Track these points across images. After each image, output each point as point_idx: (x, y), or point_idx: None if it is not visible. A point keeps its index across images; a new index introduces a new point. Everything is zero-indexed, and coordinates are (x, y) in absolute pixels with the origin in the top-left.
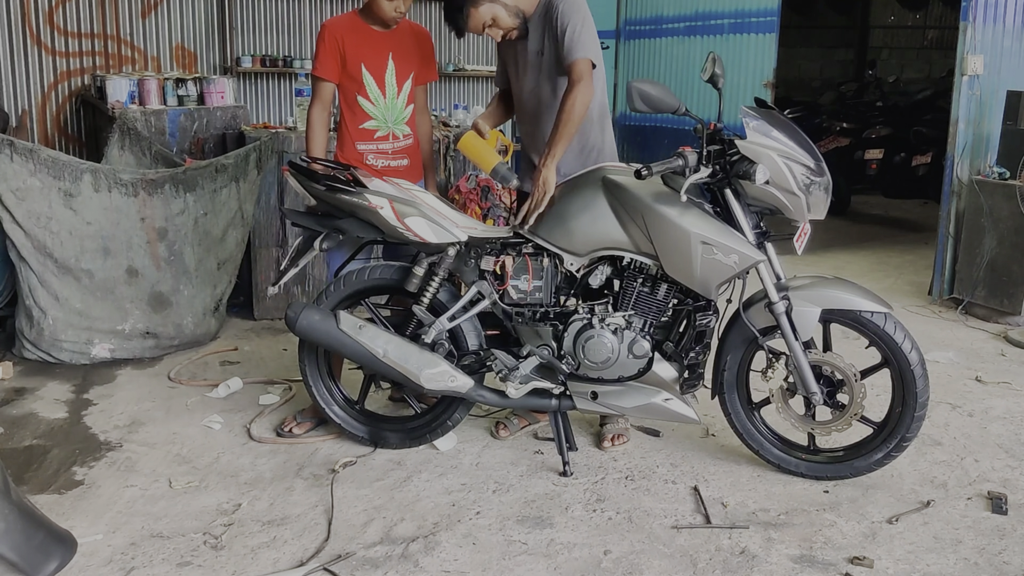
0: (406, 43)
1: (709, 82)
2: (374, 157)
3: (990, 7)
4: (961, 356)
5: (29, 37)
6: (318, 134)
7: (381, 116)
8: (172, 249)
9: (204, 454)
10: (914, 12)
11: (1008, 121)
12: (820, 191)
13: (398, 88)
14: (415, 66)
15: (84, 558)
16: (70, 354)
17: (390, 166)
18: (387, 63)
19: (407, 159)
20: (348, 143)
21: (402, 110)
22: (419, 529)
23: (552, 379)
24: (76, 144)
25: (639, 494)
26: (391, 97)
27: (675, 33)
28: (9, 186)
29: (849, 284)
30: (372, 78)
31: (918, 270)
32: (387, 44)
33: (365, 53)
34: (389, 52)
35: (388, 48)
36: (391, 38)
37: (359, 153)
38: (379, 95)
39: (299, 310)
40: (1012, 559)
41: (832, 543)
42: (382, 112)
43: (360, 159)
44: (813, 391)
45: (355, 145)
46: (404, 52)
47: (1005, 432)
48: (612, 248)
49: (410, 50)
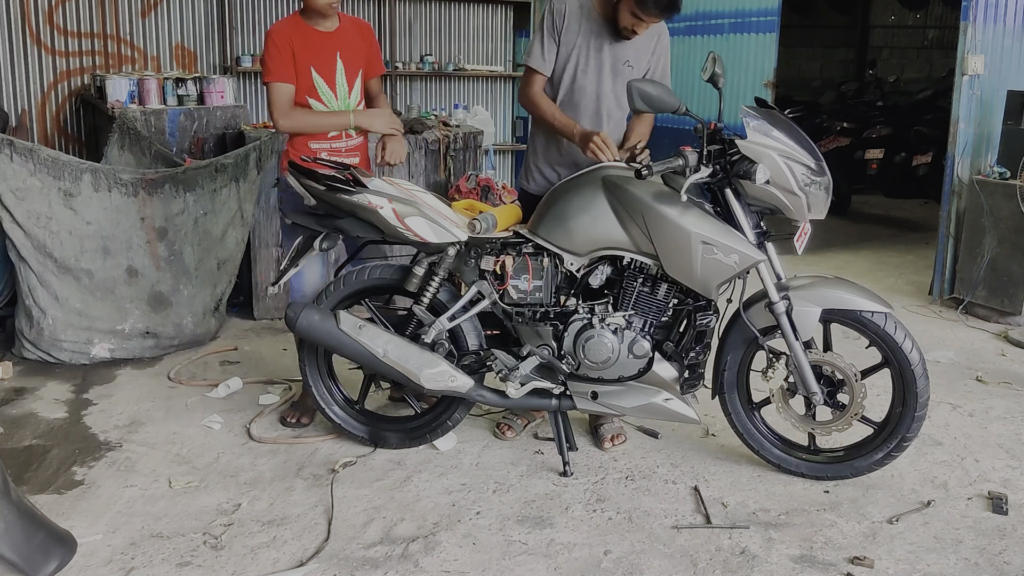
0: (351, 40)
1: (709, 82)
2: (328, 155)
3: (991, 7)
4: (961, 356)
5: (29, 37)
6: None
7: None
8: (172, 249)
9: (204, 454)
10: (915, 12)
11: (1008, 121)
12: (820, 191)
13: (349, 87)
14: (362, 62)
15: (84, 558)
16: (70, 354)
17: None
18: (336, 63)
19: (358, 156)
20: (300, 140)
21: (354, 108)
22: (419, 529)
23: (552, 379)
24: (76, 144)
25: (639, 494)
26: (343, 97)
27: (675, 33)
28: (9, 186)
29: (849, 284)
30: (323, 80)
31: (918, 270)
32: (333, 44)
33: (313, 56)
34: (336, 52)
35: (335, 48)
36: (336, 38)
37: (312, 151)
38: (331, 96)
39: (299, 310)
40: (1012, 559)
41: (832, 543)
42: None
43: (312, 156)
44: (813, 391)
45: (308, 144)
46: (350, 50)
47: (1005, 432)
48: (612, 248)
49: (356, 47)
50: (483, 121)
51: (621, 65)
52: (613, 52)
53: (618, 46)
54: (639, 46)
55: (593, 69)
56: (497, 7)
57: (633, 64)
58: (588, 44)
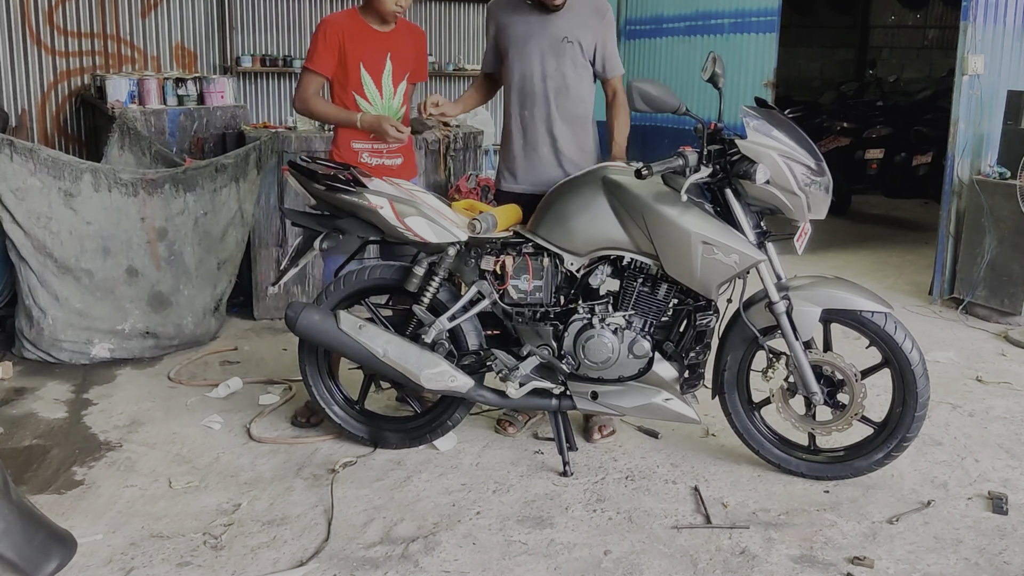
0: (403, 44)
1: (709, 82)
2: (369, 155)
3: (991, 7)
4: (961, 356)
5: (29, 37)
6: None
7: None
8: (172, 249)
9: (204, 454)
10: (914, 12)
11: (1008, 121)
12: (820, 191)
13: (394, 88)
14: (411, 67)
15: (84, 558)
16: (70, 354)
17: (384, 164)
18: (385, 63)
19: (401, 157)
20: (344, 141)
21: (397, 110)
22: (419, 529)
23: (552, 379)
24: (76, 144)
25: (639, 494)
26: (387, 97)
27: (675, 33)
28: (9, 186)
29: (849, 284)
30: (370, 78)
31: (918, 270)
32: (386, 44)
33: (364, 52)
34: (387, 52)
35: (387, 48)
36: (389, 38)
37: (354, 151)
38: (376, 95)
39: (299, 310)
40: (1012, 559)
41: (832, 543)
42: (378, 111)
43: (355, 157)
44: (814, 391)
45: (351, 143)
46: (401, 53)
47: (1005, 432)
48: (612, 248)
49: (407, 51)
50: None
51: (560, 43)
52: (549, 32)
53: (553, 25)
54: (579, 22)
55: (531, 53)
56: None
57: (573, 40)
58: (522, 32)
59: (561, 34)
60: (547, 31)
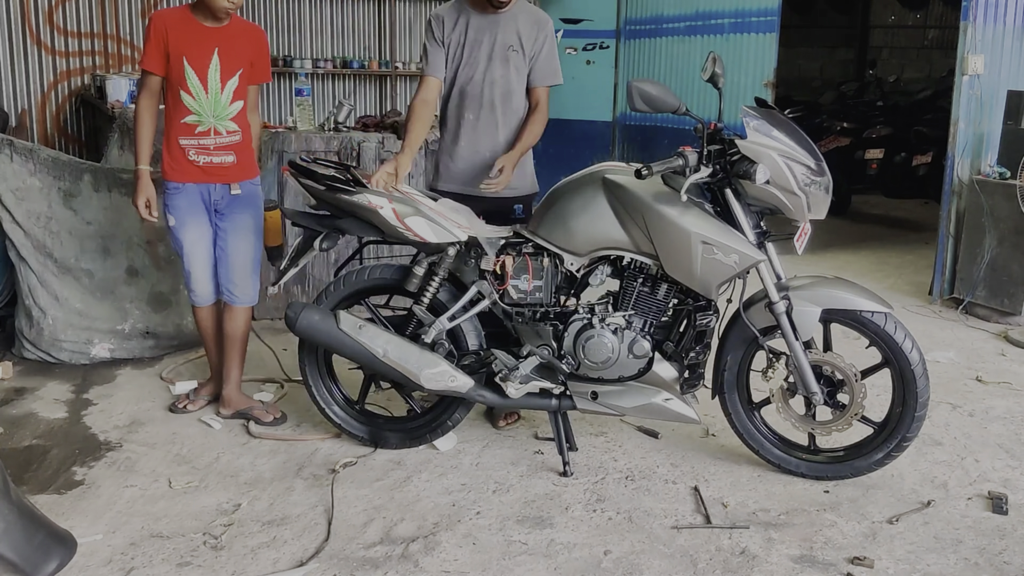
0: (235, 40)
1: (709, 82)
2: (195, 152)
3: (991, 7)
4: (961, 356)
5: (29, 37)
6: (144, 126)
7: (202, 111)
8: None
9: (204, 454)
10: (914, 12)
11: (1008, 121)
12: (820, 191)
13: (222, 84)
14: (243, 64)
15: (84, 558)
16: (70, 354)
17: (212, 162)
18: (211, 58)
19: (233, 155)
20: (171, 137)
21: (226, 106)
22: (419, 529)
23: (552, 379)
24: (76, 144)
25: (639, 494)
26: (214, 92)
27: (675, 33)
28: (9, 186)
29: (849, 284)
30: (194, 72)
31: (918, 270)
32: (213, 39)
33: (189, 47)
34: (215, 47)
35: (214, 43)
36: (219, 33)
37: (181, 148)
38: (200, 89)
39: (299, 310)
40: (1012, 559)
41: (832, 543)
42: (203, 107)
43: (183, 154)
44: (813, 391)
45: (177, 140)
46: (232, 49)
47: (1005, 432)
48: (612, 248)
49: (239, 48)
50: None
51: (506, 51)
52: (494, 40)
53: (500, 34)
54: (522, 33)
55: (477, 59)
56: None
57: (518, 49)
58: (469, 38)
59: (508, 42)
60: (495, 38)
